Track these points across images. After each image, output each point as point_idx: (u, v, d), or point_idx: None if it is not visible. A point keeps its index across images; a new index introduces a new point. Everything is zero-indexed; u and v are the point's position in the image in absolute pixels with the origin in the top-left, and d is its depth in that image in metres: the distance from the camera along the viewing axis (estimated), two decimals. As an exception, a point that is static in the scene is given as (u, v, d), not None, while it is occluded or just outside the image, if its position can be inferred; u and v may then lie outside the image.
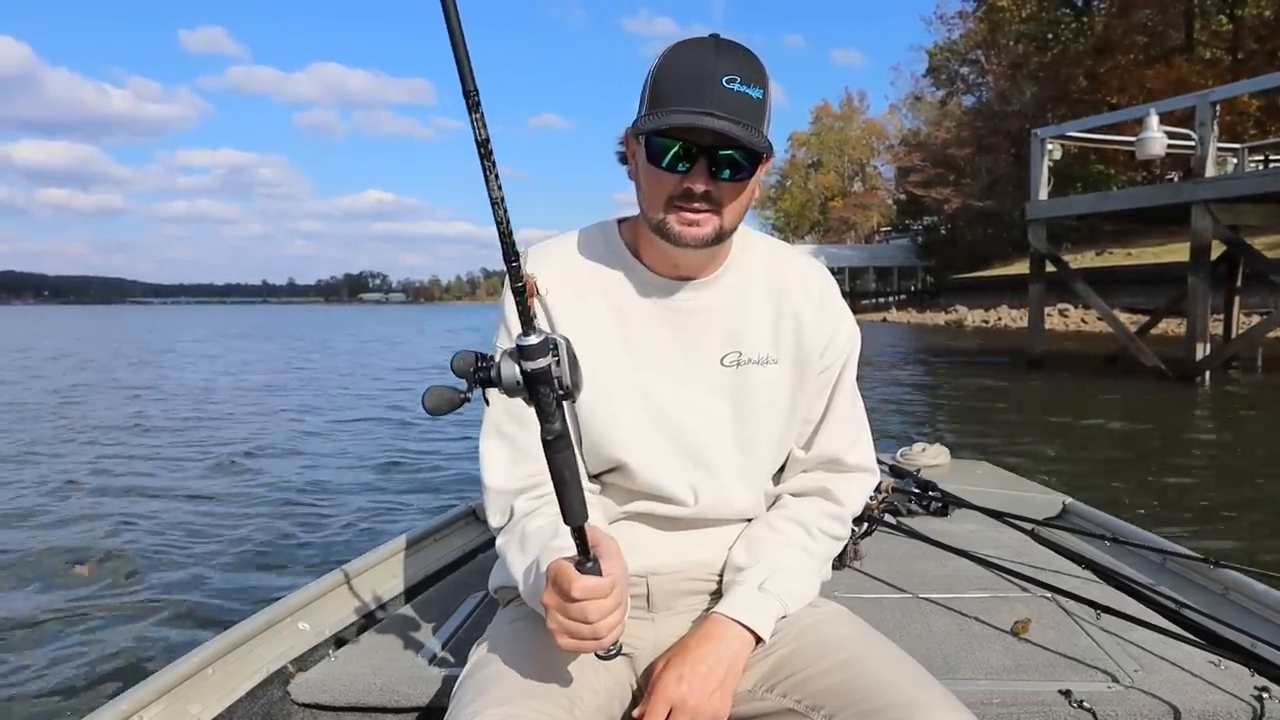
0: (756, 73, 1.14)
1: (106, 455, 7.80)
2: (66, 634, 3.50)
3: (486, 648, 1.23)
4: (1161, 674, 1.47)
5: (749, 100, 1.12)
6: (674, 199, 1.16)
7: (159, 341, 33.25)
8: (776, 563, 1.27)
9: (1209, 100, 12.17)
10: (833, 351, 1.33)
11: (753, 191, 1.21)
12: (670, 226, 1.17)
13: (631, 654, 1.26)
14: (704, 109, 1.10)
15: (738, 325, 1.29)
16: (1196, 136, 12.07)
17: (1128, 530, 2.32)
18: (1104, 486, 5.85)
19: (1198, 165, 12.05)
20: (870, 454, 1.40)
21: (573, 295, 1.27)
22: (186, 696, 1.38)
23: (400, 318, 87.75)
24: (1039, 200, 14.10)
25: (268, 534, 5.03)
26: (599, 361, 1.22)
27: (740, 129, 1.10)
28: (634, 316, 1.28)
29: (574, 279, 1.28)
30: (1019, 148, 34.23)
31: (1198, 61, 34.71)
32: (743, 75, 1.13)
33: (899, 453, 3.30)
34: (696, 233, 1.17)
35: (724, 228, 1.18)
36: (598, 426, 1.26)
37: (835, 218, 75.12)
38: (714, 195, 1.15)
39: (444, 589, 2.00)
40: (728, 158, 1.13)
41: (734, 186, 1.16)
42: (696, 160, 1.13)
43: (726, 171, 1.14)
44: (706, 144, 1.12)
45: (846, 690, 1.10)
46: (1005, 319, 32.89)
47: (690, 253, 1.22)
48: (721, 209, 1.17)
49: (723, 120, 1.09)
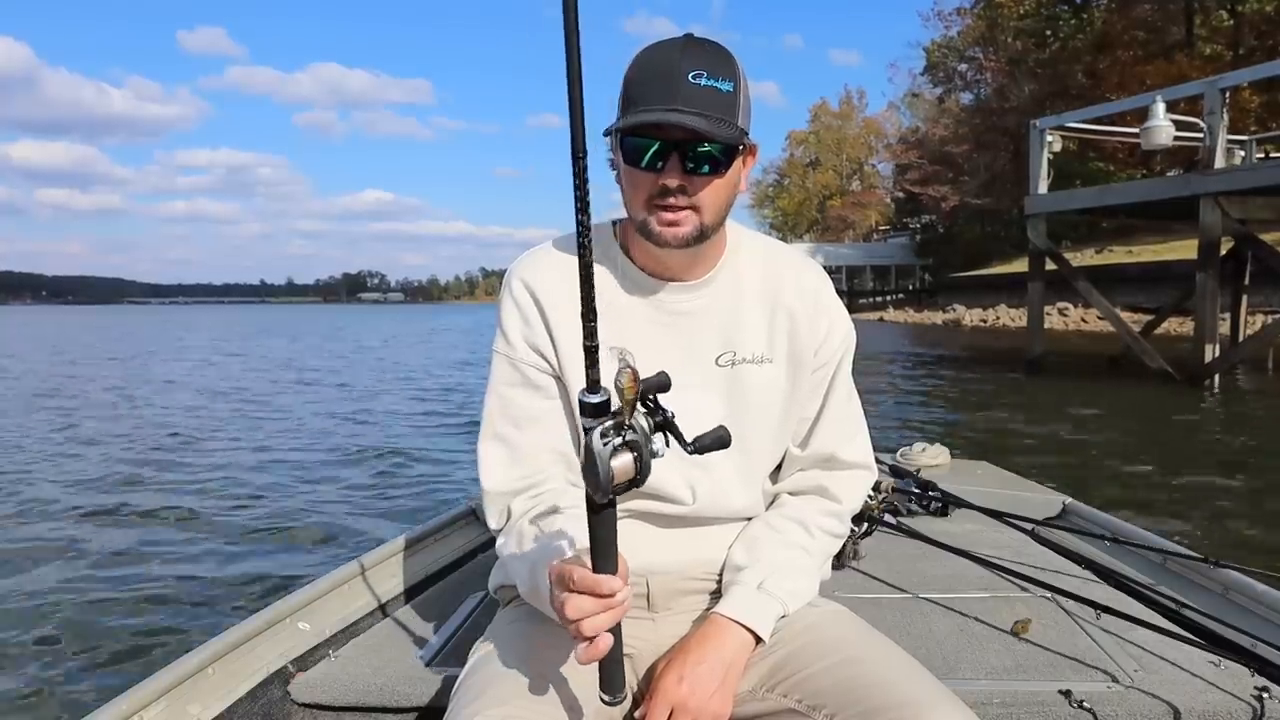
0: (725, 66, 1.15)
1: (108, 455, 7.80)
2: (66, 634, 3.50)
3: (486, 648, 1.23)
4: (1161, 674, 1.47)
5: (717, 93, 1.13)
6: (653, 198, 1.17)
7: (158, 341, 33.24)
8: (775, 562, 1.27)
9: (1218, 87, 11.31)
10: (827, 349, 1.33)
11: (734, 186, 1.21)
12: (651, 226, 1.18)
13: (632, 654, 1.26)
14: (670, 105, 1.11)
15: (732, 325, 1.30)
16: (1205, 125, 11.23)
17: (1128, 530, 2.32)
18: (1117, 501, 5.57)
19: (1206, 156, 11.20)
20: (868, 450, 1.40)
21: (564, 299, 1.25)
22: (186, 696, 1.38)
23: (403, 316, 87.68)
24: (1038, 194, 13.45)
25: (268, 533, 5.04)
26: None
27: (706, 122, 1.11)
28: (628, 318, 1.27)
29: (566, 282, 1.25)
30: (1017, 145, 34.20)
31: (1198, 57, 34.61)
32: (710, 70, 1.14)
33: (899, 453, 3.30)
34: (677, 231, 1.17)
35: (704, 225, 1.19)
36: None
37: (833, 216, 75.07)
38: (689, 191, 1.16)
39: (444, 589, 2.00)
40: (700, 153, 1.14)
41: (709, 181, 1.17)
42: (669, 157, 1.14)
43: (704, 167, 1.15)
44: (677, 139, 1.13)
45: (848, 689, 1.10)
46: (1004, 318, 32.84)
47: (676, 253, 1.22)
48: (700, 206, 1.17)
49: (688, 114, 1.10)
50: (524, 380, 1.27)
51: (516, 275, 1.29)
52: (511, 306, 1.28)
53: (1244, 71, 14.13)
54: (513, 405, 1.27)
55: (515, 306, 1.28)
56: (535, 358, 1.27)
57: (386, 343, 31.98)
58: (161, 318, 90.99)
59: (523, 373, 1.27)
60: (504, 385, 1.28)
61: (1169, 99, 11.87)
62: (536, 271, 1.28)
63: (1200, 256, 11.39)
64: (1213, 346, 11.38)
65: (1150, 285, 22.76)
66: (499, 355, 1.29)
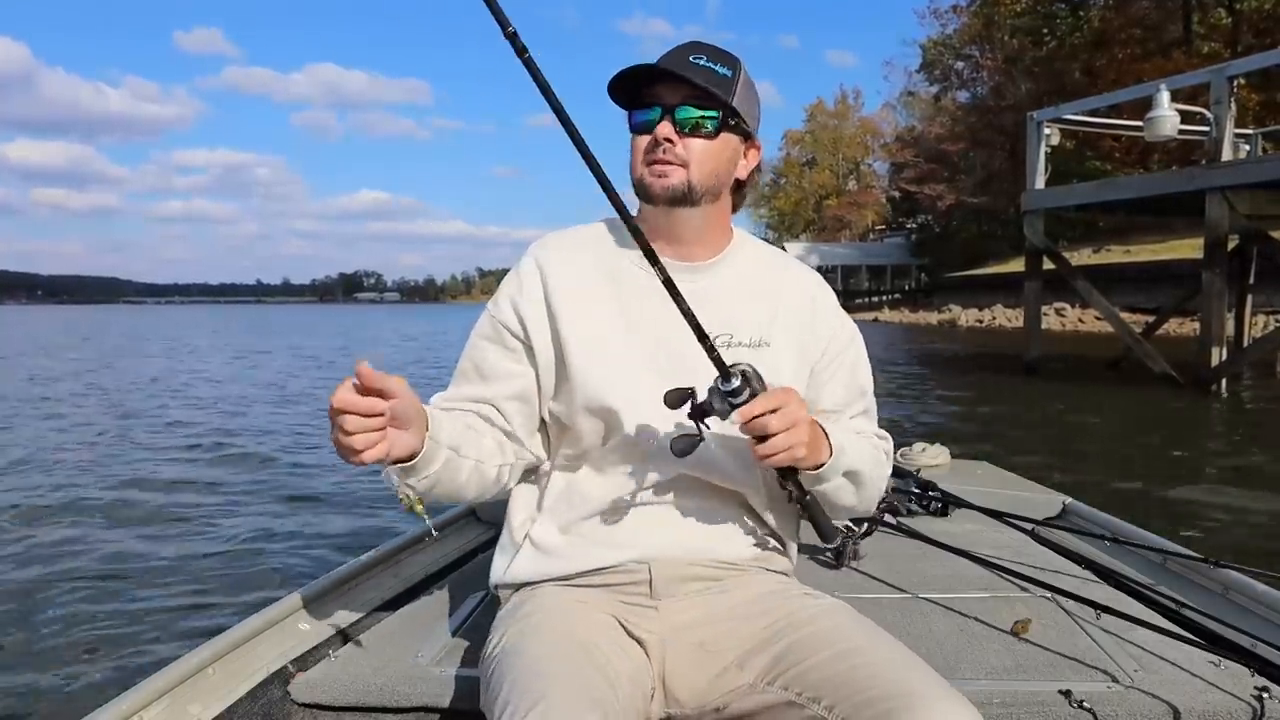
0: (726, 59, 1.32)
1: (109, 454, 7.79)
2: (66, 634, 3.49)
3: (507, 645, 1.21)
4: (1161, 674, 1.47)
5: (714, 73, 1.29)
6: (648, 153, 1.31)
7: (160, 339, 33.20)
8: (842, 429, 1.37)
9: (1225, 75, 10.70)
10: (835, 345, 1.43)
11: (726, 159, 1.34)
12: (645, 179, 1.32)
13: (643, 643, 1.27)
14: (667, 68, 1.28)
15: (730, 311, 1.37)
16: (1211, 115, 10.67)
17: (1128, 530, 2.32)
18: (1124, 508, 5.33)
19: (1212, 149, 10.64)
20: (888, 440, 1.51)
21: (573, 274, 1.38)
22: (186, 696, 1.38)
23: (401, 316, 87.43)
24: (1035, 190, 12.98)
25: (268, 534, 5.03)
26: (594, 326, 1.34)
27: (699, 79, 1.27)
28: (630, 292, 1.37)
29: (574, 260, 1.39)
30: (1014, 144, 34.19)
31: (1196, 55, 34.60)
32: (710, 56, 1.30)
33: (899, 453, 3.29)
34: (665, 182, 1.30)
35: (692, 182, 1.31)
36: (592, 381, 1.33)
37: (830, 216, 75.12)
38: (678, 146, 1.30)
39: (444, 589, 1.99)
40: (688, 116, 1.29)
41: (698, 142, 1.31)
42: (663, 118, 1.29)
43: (691, 127, 1.30)
44: (673, 103, 1.29)
45: (846, 681, 1.11)
46: (1000, 318, 32.88)
47: (673, 221, 1.35)
48: (688, 162, 1.30)
49: (682, 72, 1.27)
50: (497, 338, 1.38)
51: (531, 251, 1.42)
52: (514, 276, 1.41)
53: (1255, 58, 13.49)
54: (485, 360, 1.39)
55: (517, 276, 1.40)
56: (515, 324, 1.37)
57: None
58: (155, 317, 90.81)
59: (498, 331, 1.38)
60: (480, 337, 1.40)
61: (1173, 88, 11.39)
62: (541, 254, 1.40)
63: (1206, 254, 10.91)
64: (1219, 349, 10.88)
65: (1149, 285, 22.45)
66: (486, 312, 1.41)
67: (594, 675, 1.11)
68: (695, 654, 1.26)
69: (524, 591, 1.37)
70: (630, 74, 1.30)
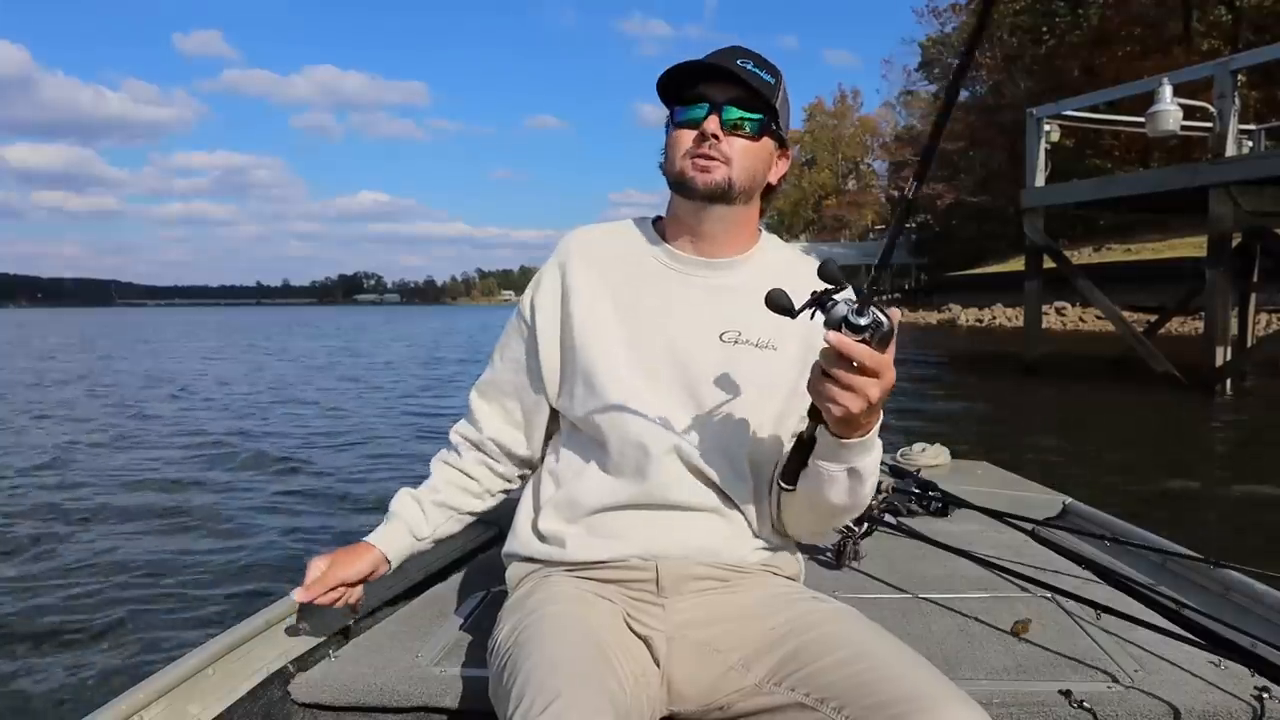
0: (770, 67, 1.36)
1: (108, 455, 7.79)
2: (65, 634, 3.49)
3: (520, 636, 1.21)
4: (1161, 674, 1.47)
5: (759, 78, 1.32)
6: (691, 150, 1.34)
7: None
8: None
9: (1229, 69, 10.63)
10: None
11: (764, 161, 1.38)
12: (687, 173, 1.34)
13: (648, 639, 1.27)
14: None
15: (743, 309, 1.36)
16: (1215, 110, 10.56)
17: (1128, 530, 2.32)
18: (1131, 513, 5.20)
19: (1216, 144, 10.57)
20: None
21: (592, 271, 1.43)
22: (186, 696, 1.38)
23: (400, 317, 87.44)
24: (1035, 187, 12.87)
25: (268, 533, 5.03)
26: (604, 324, 1.38)
27: (747, 75, 1.30)
28: (647, 281, 1.41)
29: (596, 256, 1.44)
30: (1014, 142, 34.11)
31: (1196, 53, 34.55)
32: (756, 62, 1.34)
33: (899, 453, 3.29)
34: (708, 177, 1.33)
35: (732, 179, 1.33)
36: (598, 378, 1.36)
37: (829, 215, 75.00)
38: (724, 143, 1.32)
39: (444, 589, 1.99)
40: (735, 116, 1.33)
41: (740, 142, 1.34)
42: (710, 114, 1.32)
43: (737, 126, 1.33)
44: (721, 101, 1.32)
45: (855, 684, 1.11)
46: (1000, 318, 32.83)
47: (706, 217, 1.37)
48: (731, 160, 1.33)
49: (731, 69, 1.30)
50: (518, 329, 1.50)
51: (558, 246, 1.49)
52: (540, 271, 1.50)
53: (1259, 51, 13.33)
54: (508, 345, 1.52)
55: (540, 272, 1.50)
56: (529, 316, 1.46)
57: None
58: (154, 319, 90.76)
59: (519, 324, 1.49)
60: (510, 327, 1.52)
61: (1176, 82, 11.25)
62: (571, 246, 1.47)
63: (1210, 252, 10.79)
64: (1224, 349, 10.76)
65: (1150, 284, 22.26)
66: (520, 303, 1.52)
67: (607, 672, 1.11)
68: (701, 652, 1.26)
69: (533, 578, 1.38)
70: (685, 69, 1.33)
